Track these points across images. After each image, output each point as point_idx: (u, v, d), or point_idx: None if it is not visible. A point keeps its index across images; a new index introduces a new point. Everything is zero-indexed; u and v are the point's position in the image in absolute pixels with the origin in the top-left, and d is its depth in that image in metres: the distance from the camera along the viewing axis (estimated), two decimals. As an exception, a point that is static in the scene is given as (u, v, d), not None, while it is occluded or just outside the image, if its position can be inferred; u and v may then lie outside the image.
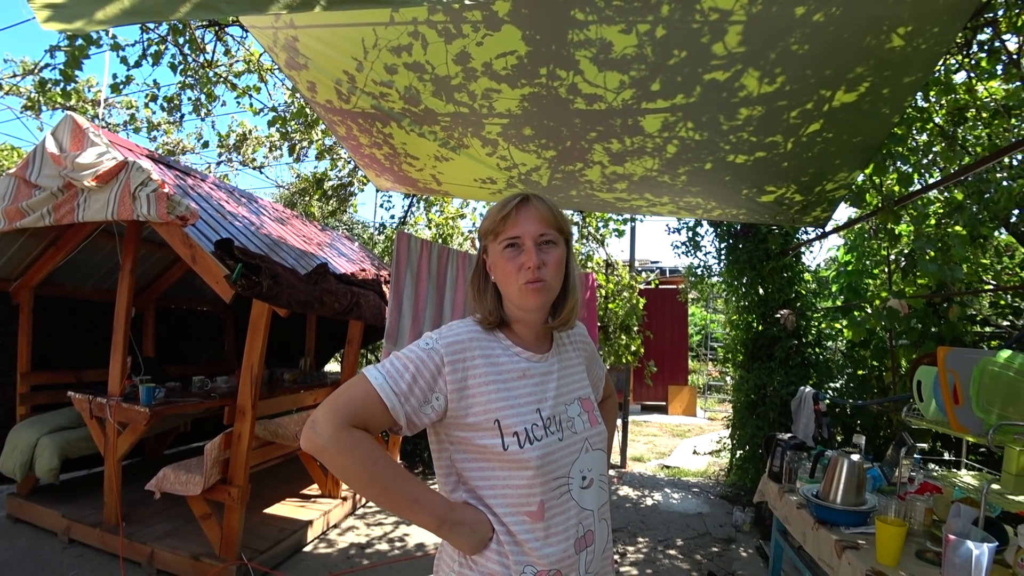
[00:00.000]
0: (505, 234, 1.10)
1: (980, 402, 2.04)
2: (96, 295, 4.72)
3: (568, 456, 1.09)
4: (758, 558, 3.88)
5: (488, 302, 1.16)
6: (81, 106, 6.42)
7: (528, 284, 1.08)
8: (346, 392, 1.03)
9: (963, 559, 1.52)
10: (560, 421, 1.11)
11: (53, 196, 3.27)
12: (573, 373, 1.22)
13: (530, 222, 1.10)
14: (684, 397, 10.59)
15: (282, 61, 2.61)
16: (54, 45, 4.22)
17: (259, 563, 3.28)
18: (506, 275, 1.11)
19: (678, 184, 3.06)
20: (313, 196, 7.55)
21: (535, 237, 1.09)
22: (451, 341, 1.08)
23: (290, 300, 3.09)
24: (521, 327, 1.17)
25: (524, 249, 1.09)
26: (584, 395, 1.21)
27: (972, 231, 3.56)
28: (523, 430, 1.05)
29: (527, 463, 1.03)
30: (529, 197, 1.13)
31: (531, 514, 1.04)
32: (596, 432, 1.17)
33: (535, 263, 1.08)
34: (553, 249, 1.12)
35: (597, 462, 1.15)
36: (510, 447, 1.04)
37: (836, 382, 4.82)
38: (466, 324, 1.14)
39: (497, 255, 1.12)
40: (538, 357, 1.16)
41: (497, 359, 1.10)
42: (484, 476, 1.07)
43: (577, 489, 1.09)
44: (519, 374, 1.11)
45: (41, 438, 3.75)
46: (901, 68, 1.99)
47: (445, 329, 1.12)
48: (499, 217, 1.11)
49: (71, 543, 3.54)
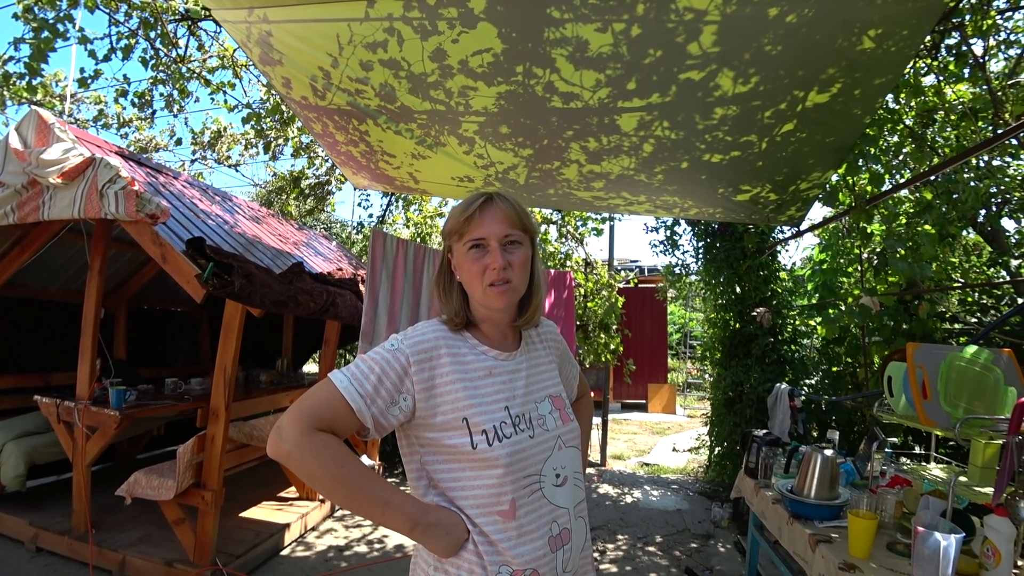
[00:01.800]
0: (470, 235, 1.09)
1: (947, 396, 2.09)
2: (64, 295, 4.60)
3: (539, 454, 1.09)
4: (736, 553, 3.93)
5: (454, 302, 1.15)
6: (48, 101, 6.25)
7: (493, 286, 1.07)
8: (311, 397, 1.01)
9: (931, 550, 1.55)
10: (530, 419, 1.10)
11: (17, 193, 3.17)
12: (542, 371, 1.21)
13: (495, 223, 1.09)
14: (663, 395, 10.68)
15: (256, 56, 2.57)
16: (18, 38, 4.10)
17: (235, 568, 3.22)
18: (471, 276, 1.10)
19: (655, 183, 3.08)
20: (290, 195, 7.45)
21: (500, 238, 1.08)
22: (416, 341, 1.07)
23: (264, 299, 3.04)
24: (488, 326, 1.17)
25: (489, 250, 1.08)
26: (555, 392, 1.20)
27: (941, 230, 3.64)
28: (491, 428, 1.04)
29: (496, 461, 1.02)
30: (493, 197, 1.12)
31: (502, 513, 1.03)
32: (568, 429, 1.16)
33: (500, 264, 1.07)
34: (518, 249, 1.11)
35: (571, 459, 1.14)
36: (479, 445, 1.03)
37: (811, 379, 4.90)
38: (432, 325, 1.13)
39: (462, 256, 1.11)
40: (505, 355, 1.15)
41: (463, 358, 1.09)
42: (454, 477, 1.06)
43: (550, 487, 1.09)
44: (485, 372, 1.10)
45: (6, 444, 3.64)
46: (872, 70, 2.03)
47: (411, 330, 1.11)
48: (463, 218, 1.09)
49: (39, 552, 3.43)
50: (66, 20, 4.03)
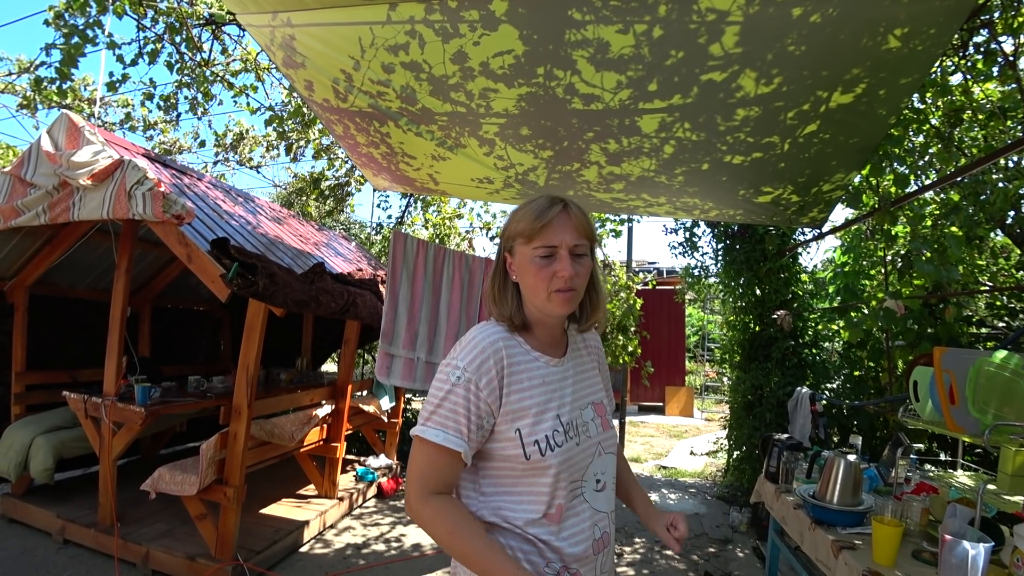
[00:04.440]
0: (542, 241, 1.07)
1: (976, 402, 2.05)
2: (92, 294, 4.70)
3: (584, 460, 1.11)
4: (755, 558, 3.88)
5: (510, 303, 1.14)
6: (77, 104, 6.40)
7: (559, 292, 1.07)
8: (415, 463, 1.05)
9: (959, 559, 1.52)
10: (577, 426, 1.12)
11: (48, 195, 3.26)
12: (588, 377, 1.22)
13: (567, 231, 1.08)
14: (681, 398, 10.60)
15: (279, 60, 2.61)
16: (50, 43, 4.21)
17: (255, 563, 3.27)
18: (537, 280, 1.08)
19: (675, 184, 3.06)
20: (310, 196, 7.54)
21: (570, 247, 1.08)
22: (479, 364, 1.06)
23: (286, 299, 3.08)
24: (541, 329, 1.16)
25: (559, 258, 1.07)
26: (597, 399, 1.21)
27: (968, 232, 3.57)
28: (544, 437, 1.05)
29: (548, 469, 1.04)
30: (568, 204, 1.11)
31: (550, 517, 1.06)
32: (608, 436, 1.18)
33: (570, 273, 1.06)
34: (585, 260, 1.10)
35: (609, 466, 1.17)
36: (532, 455, 1.04)
37: (832, 383, 4.83)
38: (485, 334, 1.11)
39: (528, 260, 1.09)
40: (555, 361, 1.16)
41: (520, 367, 1.09)
42: (505, 484, 1.08)
43: (591, 492, 1.11)
44: (540, 381, 1.11)
45: (36, 438, 3.73)
46: (898, 69, 2.00)
47: (469, 348, 1.09)
48: (538, 224, 1.07)
49: (66, 544, 3.52)
50: (95, 26, 4.13)
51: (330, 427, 4.40)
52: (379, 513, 4.55)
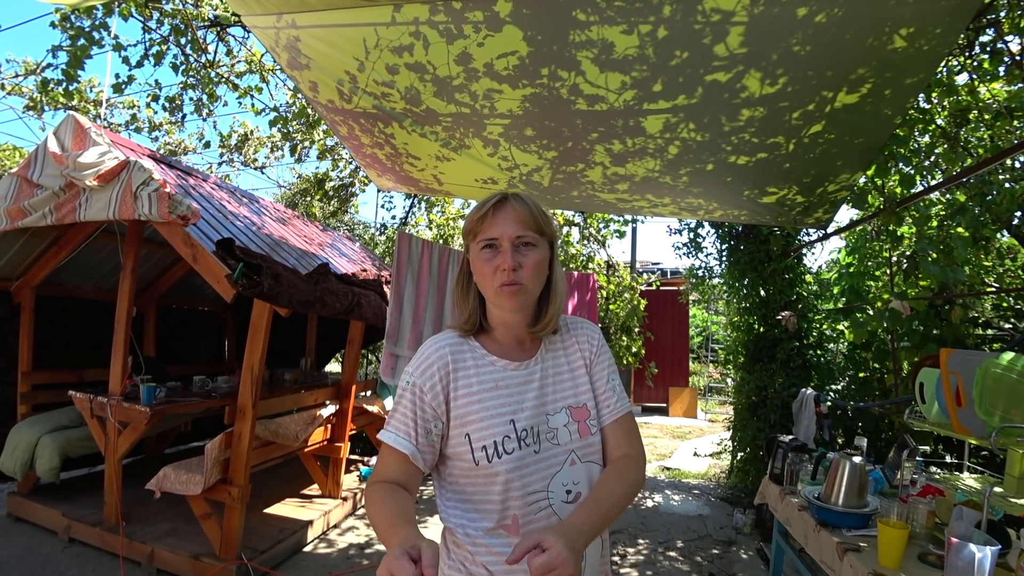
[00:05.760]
0: (483, 235, 1.08)
1: (983, 404, 2.04)
2: (97, 295, 4.73)
3: (545, 469, 1.06)
4: (758, 560, 3.87)
5: (470, 304, 1.15)
6: (83, 106, 6.43)
7: (503, 286, 1.05)
8: (379, 462, 1.09)
9: (966, 562, 1.51)
10: (538, 432, 1.07)
11: (55, 195, 3.28)
12: (562, 380, 1.15)
13: (507, 223, 1.07)
14: (685, 399, 10.57)
15: (284, 61, 2.61)
16: (56, 45, 4.23)
17: (259, 563, 3.28)
18: (483, 276, 1.09)
19: (680, 185, 3.06)
20: (314, 196, 7.55)
21: (512, 238, 1.06)
22: (424, 368, 1.08)
23: (291, 300, 3.09)
24: (502, 332, 1.15)
25: (500, 250, 1.07)
26: (575, 403, 1.13)
27: (974, 233, 3.55)
28: (492, 443, 1.03)
29: (495, 477, 1.02)
30: (508, 197, 1.10)
31: (507, 527, 1.04)
32: (586, 443, 1.11)
33: (510, 265, 1.05)
34: (531, 251, 1.08)
35: (586, 475, 1.09)
36: (480, 461, 1.03)
37: (837, 384, 4.81)
38: (437, 343, 1.12)
39: (475, 256, 1.10)
40: (515, 365, 1.12)
41: (468, 371, 1.09)
42: (465, 490, 1.08)
43: (559, 503, 1.06)
44: (492, 385, 1.08)
45: (42, 437, 3.75)
46: (903, 69, 1.99)
47: (417, 356, 1.12)
48: (476, 217, 1.09)
49: (71, 542, 3.54)
50: (101, 28, 4.16)
51: (334, 427, 4.41)
52: (383, 513, 4.55)
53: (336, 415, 4.37)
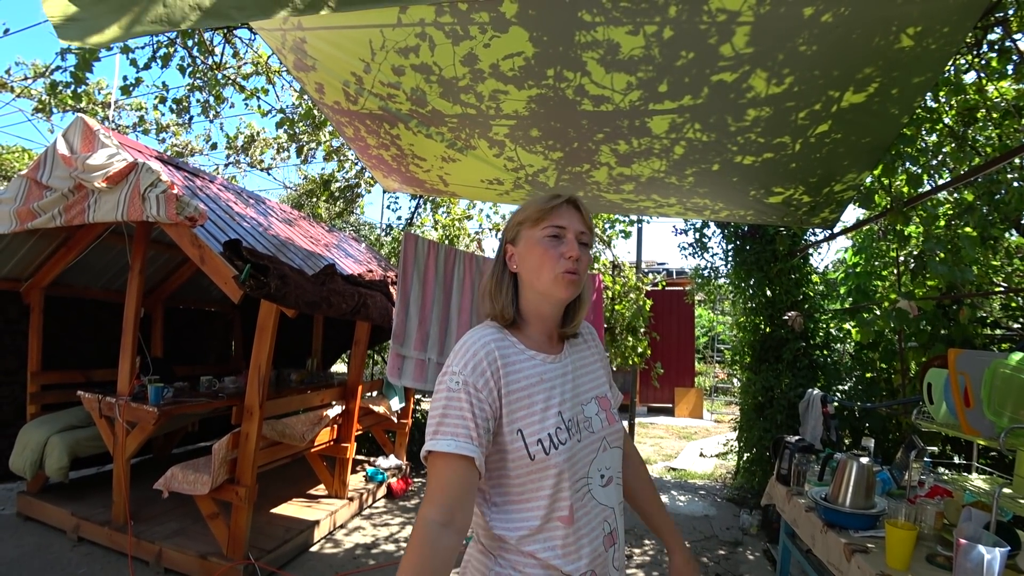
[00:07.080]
0: (551, 221, 1.11)
1: (992, 405, 2.02)
2: (106, 295, 4.76)
3: (587, 456, 1.10)
4: (765, 561, 3.86)
5: (503, 296, 1.15)
6: (91, 108, 6.48)
7: (566, 273, 1.09)
8: (430, 483, 0.98)
9: (975, 564, 1.51)
10: (578, 422, 1.11)
11: (64, 197, 3.30)
12: (589, 371, 1.21)
13: (575, 218, 1.13)
14: (691, 399, 10.55)
15: (290, 63, 2.63)
16: (65, 48, 4.27)
17: (266, 563, 3.29)
18: (543, 261, 1.10)
19: (685, 185, 3.05)
20: (320, 197, 7.58)
21: (577, 233, 1.12)
22: (473, 365, 1.04)
23: (298, 300, 3.10)
24: (536, 325, 1.16)
25: (566, 240, 1.11)
26: (601, 393, 1.20)
27: (982, 232, 3.52)
28: (547, 436, 1.04)
29: (552, 469, 1.03)
30: (576, 199, 1.16)
31: (563, 519, 1.04)
32: (613, 430, 1.17)
33: (577, 254, 1.09)
34: (586, 251, 1.14)
35: (614, 460, 1.17)
36: (536, 455, 1.03)
37: (844, 384, 4.79)
38: (479, 337, 1.09)
39: (535, 241, 1.11)
40: (552, 358, 1.14)
41: (515, 366, 1.07)
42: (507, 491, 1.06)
43: (597, 487, 1.11)
44: (537, 379, 1.09)
45: (51, 437, 3.78)
46: (910, 68, 1.98)
47: (463, 353, 1.06)
48: (546, 207, 1.12)
49: (80, 541, 3.56)
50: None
51: (340, 427, 4.42)
52: (389, 513, 4.57)
53: (342, 415, 4.38)
